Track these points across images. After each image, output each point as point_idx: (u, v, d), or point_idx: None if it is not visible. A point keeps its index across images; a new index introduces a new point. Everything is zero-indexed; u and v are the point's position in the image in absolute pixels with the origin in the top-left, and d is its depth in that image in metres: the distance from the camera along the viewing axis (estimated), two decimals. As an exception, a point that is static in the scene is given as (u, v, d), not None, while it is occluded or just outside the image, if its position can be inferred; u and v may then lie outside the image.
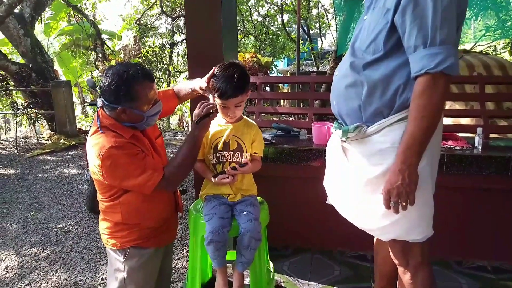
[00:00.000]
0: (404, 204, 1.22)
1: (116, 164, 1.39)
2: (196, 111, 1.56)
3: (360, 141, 1.36)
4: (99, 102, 1.54)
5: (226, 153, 1.75)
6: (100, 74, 9.94)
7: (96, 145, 1.41)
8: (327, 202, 1.63)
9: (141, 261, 1.58)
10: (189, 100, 2.01)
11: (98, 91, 1.50)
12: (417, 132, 1.17)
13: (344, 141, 1.43)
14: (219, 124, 1.78)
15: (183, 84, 1.81)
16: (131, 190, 1.49)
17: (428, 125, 1.16)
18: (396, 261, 1.46)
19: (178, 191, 1.80)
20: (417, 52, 1.16)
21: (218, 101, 1.65)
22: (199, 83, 1.68)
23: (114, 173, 1.41)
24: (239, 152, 1.76)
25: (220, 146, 1.75)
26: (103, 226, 1.60)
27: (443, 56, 1.12)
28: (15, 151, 6.24)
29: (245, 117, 1.85)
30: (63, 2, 9.34)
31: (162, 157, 1.64)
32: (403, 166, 1.19)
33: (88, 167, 1.56)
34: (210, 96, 1.64)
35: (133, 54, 10.89)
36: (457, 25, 1.19)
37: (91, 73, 10.86)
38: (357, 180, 1.38)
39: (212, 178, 1.71)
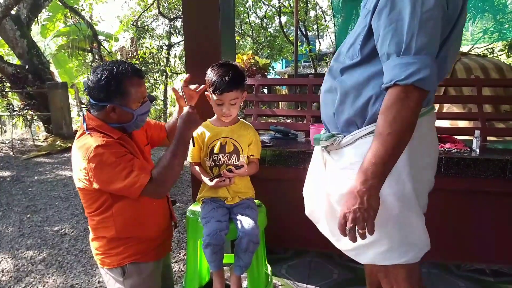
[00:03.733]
0: (362, 231, 1.07)
1: (103, 164, 1.31)
2: (186, 109, 1.49)
3: (336, 152, 1.26)
4: None
5: (222, 156, 1.74)
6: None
7: (82, 147, 1.35)
8: (306, 213, 1.51)
9: (142, 278, 1.51)
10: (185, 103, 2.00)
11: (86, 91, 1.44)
12: (381, 151, 1.02)
13: (323, 150, 1.33)
14: (215, 127, 1.77)
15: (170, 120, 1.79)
16: (118, 194, 1.39)
17: (394, 144, 1.02)
18: (380, 279, 1.36)
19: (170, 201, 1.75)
20: (389, 61, 1.04)
21: (213, 97, 1.64)
22: (180, 103, 1.66)
23: (101, 175, 1.33)
24: (235, 155, 1.75)
25: (216, 149, 1.74)
26: (95, 245, 1.51)
27: (416, 67, 0.99)
28: (11, 153, 6.21)
29: (241, 119, 1.84)
30: (60, 4, 9.30)
31: (151, 164, 1.57)
32: (362, 188, 1.05)
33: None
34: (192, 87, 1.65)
35: (130, 55, 10.86)
36: (447, 32, 1.08)
37: (88, 74, 10.83)
38: (331, 195, 1.28)
39: (209, 181, 1.70)
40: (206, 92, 1.72)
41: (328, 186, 1.30)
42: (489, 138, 2.60)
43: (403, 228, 1.19)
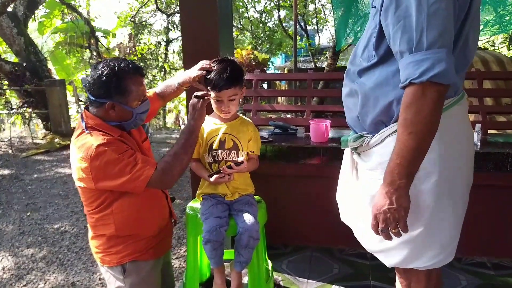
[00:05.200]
0: (394, 231, 1.08)
1: (106, 163, 1.30)
2: (191, 102, 1.50)
3: (366, 153, 1.24)
4: None
5: (221, 152, 1.73)
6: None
7: (82, 146, 1.33)
8: (341, 219, 1.48)
9: (142, 276, 1.51)
10: (185, 97, 1.97)
11: (85, 87, 1.42)
12: (404, 151, 1.02)
13: (353, 153, 1.32)
14: (214, 123, 1.76)
15: (168, 81, 1.72)
16: (123, 191, 1.39)
17: (417, 143, 1.01)
18: (397, 273, 1.35)
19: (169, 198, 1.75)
20: (403, 59, 1.01)
21: (211, 94, 1.62)
22: (189, 73, 1.61)
23: (105, 173, 1.32)
24: (235, 151, 1.74)
25: (215, 145, 1.73)
26: (95, 244, 1.51)
27: (430, 63, 0.95)
28: (10, 151, 6.19)
29: (241, 115, 1.83)
30: (57, 0, 9.25)
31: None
32: (390, 189, 1.05)
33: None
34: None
35: (128, 51, 10.83)
36: (462, 16, 1.04)
37: (86, 71, 10.79)
38: (362, 197, 1.27)
39: (208, 178, 1.69)
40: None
41: (359, 189, 1.29)
42: (490, 131, 2.59)
43: (433, 229, 1.16)
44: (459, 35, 1.06)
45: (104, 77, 1.33)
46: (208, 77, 1.59)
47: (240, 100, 1.78)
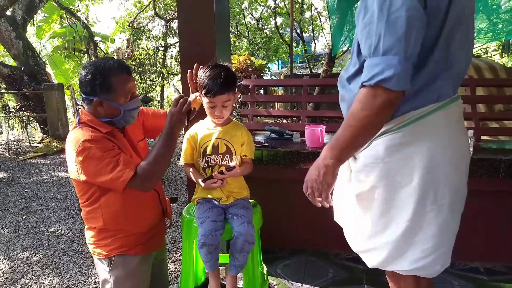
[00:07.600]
0: (318, 199, 1.21)
1: (89, 158, 1.36)
2: (172, 109, 1.49)
3: (357, 155, 1.28)
4: None
5: (215, 157, 1.74)
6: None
7: (73, 140, 1.40)
8: (334, 219, 1.51)
9: (127, 270, 1.55)
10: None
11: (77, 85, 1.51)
12: (341, 138, 1.11)
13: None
14: (207, 128, 1.77)
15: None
16: (105, 188, 1.44)
17: (352, 136, 1.08)
18: (387, 277, 1.37)
19: (167, 198, 1.78)
20: (365, 63, 1.06)
21: (205, 99, 1.64)
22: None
23: (88, 168, 1.38)
24: (228, 156, 1.75)
25: (209, 150, 1.74)
26: (88, 235, 1.58)
27: (380, 68, 0.99)
28: (7, 155, 6.18)
29: (234, 120, 1.84)
30: (56, 5, 9.28)
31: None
32: (321, 163, 1.16)
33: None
34: (192, 95, 1.64)
35: (126, 56, 10.83)
36: (437, 27, 1.05)
37: (84, 75, 10.76)
38: (350, 197, 1.31)
39: (202, 183, 1.71)
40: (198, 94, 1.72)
41: (350, 189, 1.32)
42: (482, 137, 2.62)
43: (412, 233, 1.16)
44: (436, 39, 1.07)
45: (90, 75, 1.40)
46: (202, 82, 1.62)
47: (237, 105, 1.80)
